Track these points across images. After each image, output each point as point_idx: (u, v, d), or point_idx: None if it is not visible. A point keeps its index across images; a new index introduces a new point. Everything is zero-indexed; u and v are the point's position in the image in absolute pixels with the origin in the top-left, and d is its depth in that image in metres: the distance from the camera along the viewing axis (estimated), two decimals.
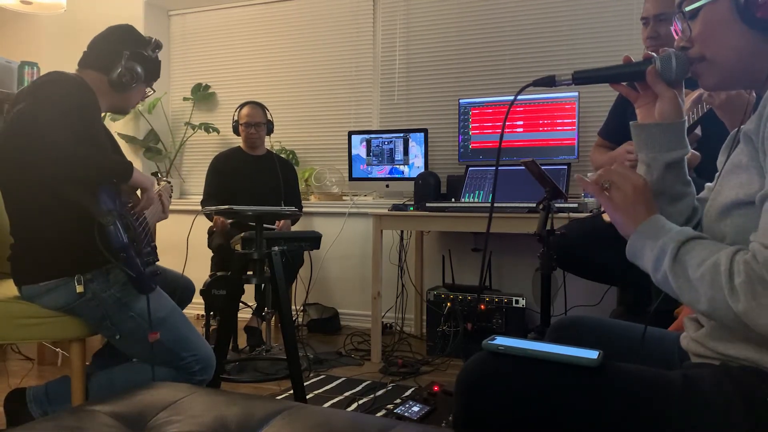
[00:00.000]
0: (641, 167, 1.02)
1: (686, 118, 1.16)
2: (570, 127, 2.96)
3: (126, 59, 1.71)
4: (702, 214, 0.98)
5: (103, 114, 1.91)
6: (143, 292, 1.55)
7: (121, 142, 2.00)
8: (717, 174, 0.94)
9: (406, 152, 3.32)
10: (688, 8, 0.92)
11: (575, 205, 2.47)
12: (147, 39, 1.81)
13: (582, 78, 1.02)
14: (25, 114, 1.47)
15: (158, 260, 1.82)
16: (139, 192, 1.73)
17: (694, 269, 0.79)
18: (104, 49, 1.74)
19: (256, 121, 3.24)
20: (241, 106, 3.29)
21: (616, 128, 2.33)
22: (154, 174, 2.49)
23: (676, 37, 0.98)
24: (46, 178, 1.51)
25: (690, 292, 0.80)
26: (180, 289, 1.93)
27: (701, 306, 0.79)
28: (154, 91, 1.93)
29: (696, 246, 0.81)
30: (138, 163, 4.04)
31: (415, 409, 2.01)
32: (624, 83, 1.05)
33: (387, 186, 3.39)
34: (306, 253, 3.21)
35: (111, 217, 1.47)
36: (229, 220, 3.01)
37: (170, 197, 2.27)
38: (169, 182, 2.26)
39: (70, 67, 1.75)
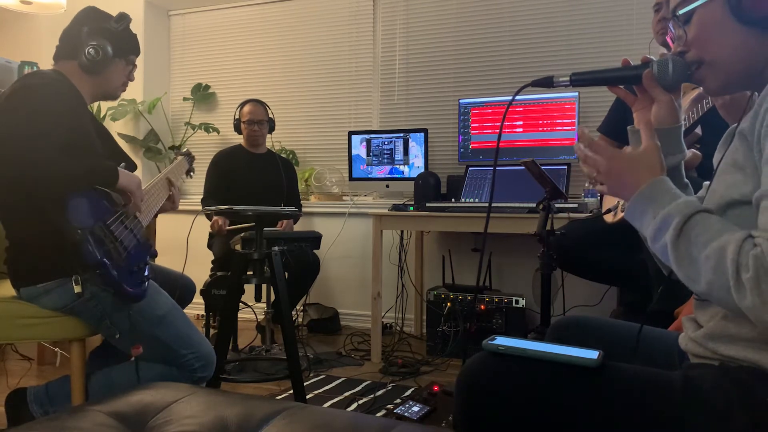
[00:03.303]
0: None
1: (686, 117, 1.15)
2: (570, 127, 2.96)
3: (86, 36, 1.65)
4: None
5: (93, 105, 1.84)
6: (131, 302, 1.53)
7: (121, 143, 1.98)
8: (713, 172, 0.94)
9: (406, 152, 3.32)
10: (681, 11, 0.92)
11: (575, 205, 2.47)
12: (110, 14, 1.72)
13: (579, 80, 1.02)
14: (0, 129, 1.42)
15: (156, 256, 1.76)
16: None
17: (699, 248, 0.78)
18: (68, 35, 1.69)
19: (259, 118, 3.24)
20: (243, 103, 3.29)
21: (618, 122, 2.32)
22: (172, 148, 2.41)
23: (671, 45, 0.98)
24: (29, 193, 1.49)
25: (689, 269, 0.79)
26: (180, 288, 1.92)
27: (698, 286, 0.78)
28: (136, 66, 1.83)
29: (702, 221, 0.80)
30: (138, 163, 4.03)
31: (415, 409, 2.01)
32: (622, 86, 1.05)
33: (387, 186, 3.39)
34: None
35: (81, 235, 1.41)
36: (228, 227, 3.00)
37: (191, 173, 2.17)
38: (187, 155, 2.15)
39: None
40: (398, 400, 2.21)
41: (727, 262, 0.74)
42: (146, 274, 1.62)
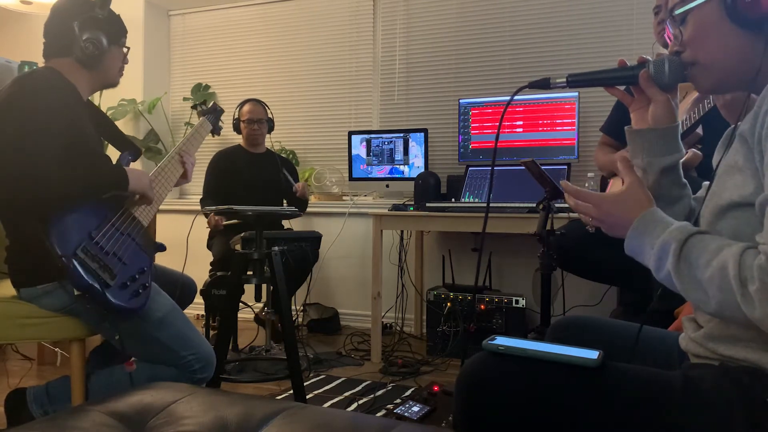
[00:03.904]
0: (637, 172, 1.02)
1: (687, 117, 1.14)
2: (570, 127, 2.96)
3: (79, 30, 1.62)
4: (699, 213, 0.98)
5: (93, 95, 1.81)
6: (124, 316, 1.51)
7: None
8: (712, 173, 0.94)
9: (406, 152, 3.32)
10: (678, 11, 0.92)
11: None
12: (91, 1, 1.67)
13: (576, 81, 1.03)
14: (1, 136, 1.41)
15: (164, 249, 1.74)
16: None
17: (701, 270, 0.78)
18: (56, 32, 1.65)
19: (258, 117, 3.24)
20: (242, 103, 3.29)
21: (621, 122, 2.32)
22: (194, 107, 2.41)
23: (669, 43, 0.98)
24: (29, 194, 1.47)
25: (697, 293, 0.79)
26: (180, 288, 1.92)
27: (710, 308, 0.78)
28: (128, 48, 1.79)
29: (698, 243, 0.80)
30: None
31: (415, 409, 2.01)
32: (619, 87, 1.05)
33: (387, 186, 3.39)
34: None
35: (64, 263, 1.38)
36: (224, 222, 3.00)
37: (217, 132, 2.22)
38: (211, 112, 2.16)
39: None
40: (398, 400, 2.20)
41: (730, 279, 0.74)
42: (146, 282, 1.59)
